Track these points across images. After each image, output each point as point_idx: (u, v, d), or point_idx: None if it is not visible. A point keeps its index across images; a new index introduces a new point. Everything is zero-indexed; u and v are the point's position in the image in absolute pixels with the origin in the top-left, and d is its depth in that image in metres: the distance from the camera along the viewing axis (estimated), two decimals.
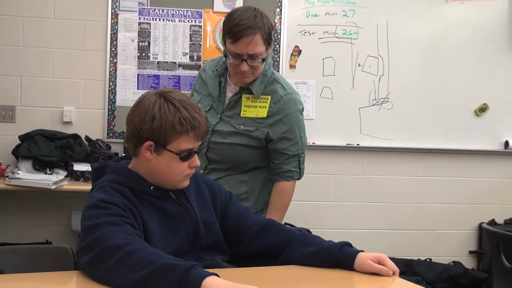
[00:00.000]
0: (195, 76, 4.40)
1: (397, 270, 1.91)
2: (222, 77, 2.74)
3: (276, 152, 2.70)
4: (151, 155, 1.90)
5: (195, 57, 4.47)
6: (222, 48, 4.39)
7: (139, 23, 4.42)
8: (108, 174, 1.95)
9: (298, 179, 2.78)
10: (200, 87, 2.82)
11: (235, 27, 2.49)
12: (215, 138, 2.70)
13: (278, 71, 4.51)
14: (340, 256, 1.93)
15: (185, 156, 1.92)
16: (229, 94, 2.72)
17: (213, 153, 2.72)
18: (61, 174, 4.10)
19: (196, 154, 1.96)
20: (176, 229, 1.95)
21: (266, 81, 2.68)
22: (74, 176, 4.11)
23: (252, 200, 2.73)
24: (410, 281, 1.97)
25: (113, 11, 4.38)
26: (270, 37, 2.57)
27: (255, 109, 2.67)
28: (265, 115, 2.66)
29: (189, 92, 4.43)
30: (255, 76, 2.63)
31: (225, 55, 2.61)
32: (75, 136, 4.29)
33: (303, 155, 2.75)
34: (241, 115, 2.68)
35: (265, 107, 2.66)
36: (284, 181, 2.72)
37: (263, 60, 2.58)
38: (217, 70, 2.78)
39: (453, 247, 4.89)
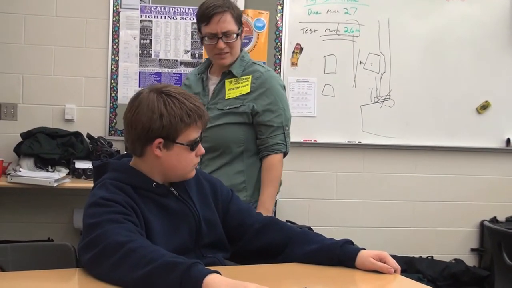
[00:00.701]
0: None
1: (398, 268, 1.91)
2: (203, 74, 2.91)
3: (262, 125, 2.78)
4: (160, 152, 1.91)
5: (196, 55, 4.47)
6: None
7: (141, 21, 4.42)
8: (110, 172, 1.95)
9: (285, 153, 2.82)
10: None
11: (205, 10, 2.72)
12: None
13: (280, 68, 4.52)
14: (341, 254, 1.94)
15: (194, 146, 1.95)
16: (212, 87, 2.86)
17: (204, 142, 2.72)
18: (63, 171, 4.11)
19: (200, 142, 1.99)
20: (178, 226, 1.95)
21: (244, 64, 2.83)
22: (75, 173, 4.11)
23: (250, 190, 2.79)
24: (412, 278, 1.97)
25: (114, 8, 4.38)
26: (240, 19, 2.78)
27: (238, 89, 2.80)
28: (248, 90, 2.77)
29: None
30: (232, 56, 2.79)
31: (201, 39, 2.79)
32: (77, 134, 4.29)
33: (287, 128, 2.83)
34: (226, 97, 2.79)
35: (248, 84, 2.78)
36: (272, 155, 2.77)
37: (237, 35, 2.75)
38: (198, 70, 2.96)
39: (455, 244, 4.90)
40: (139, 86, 4.39)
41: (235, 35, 2.73)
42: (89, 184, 2.05)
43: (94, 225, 1.75)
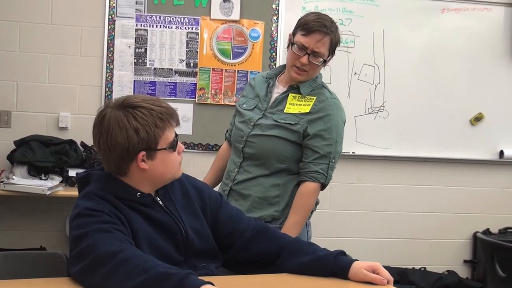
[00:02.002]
0: (191, 83, 4.44)
1: (391, 279, 1.91)
2: (271, 79, 2.85)
3: (308, 149, 2.68)
4: (146, 164, 1.89)
5: (191, 64, 4.47)
6: (221, 58, 4.47)
7: (136, 30, 4.42)
8: (93, 183, 1.94)
9: (323, 184, 2.71)
10: (248, 92, 2.92)
11: (312, 21, 2.64)
12: (255, 131, 2.74)
13: None
14: (334, 266, 1.93)
15: (175, 145, 1.94)
16: (275, 95, 2.80)
17: (250, 147, 2.75)
18: (56, 179, 4.09)
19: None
20: (164, 237, 1.93)
21: (314, 85, 2.77)
22: (69, 182, 4.10)
23: (282, 205, 2.71)
24: None
25: (110, 17, 4.38)
26: (335, 48, 2.72)
27: (299, 106, 2.72)
28: (307, 110, 2.69)
29: (184, 98, 4.45)
30: (308, 76, 2.73)
31: (291, 44, 2.70)
32: (71, 142, 4.28)
33: (334, 160, 2.71)
34: (285, 111, 2.72)
35: (309, 105, 2.71)
36: (308, 182, 2.67)
37: (323, 62, 2.69)
38: (267, 74, 2.90)
39: (448, 256, 4.89)
40: (141, 94, 4.38)
41: (321, 60, 2.67)
42: None
43: (81, 236, 1.74)
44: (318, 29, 2.62)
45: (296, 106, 2.72)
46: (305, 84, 2.74)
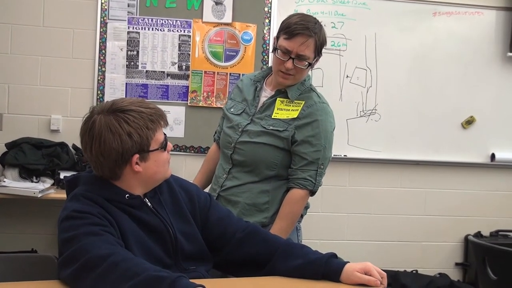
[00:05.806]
0: (183, 86, 4.43)
1: (384, 274, 1.92)
2: (258, 82, 2.80)
3: (297, 156, 2.65)
4: (139, 167, 1.89)
5: (183, 67, 4.47)
6: (213, 60, 4.47)
7: (128, 32, 4.41)
8: (81, 185, 1.93)
9: (312, 191, 2.68)
10: (235, 95, 2.87)
11: (294, 25, 2.57)
12: (243, 138, 2.71)
13: None
14: (326, 269, 1.93)
15: (165, 144, 1.94)
16: (263, 99, 2.76)
17: (239, 154, 2.72)
18: (48, 182, 4.08)
19: None
20: (153, 240, 1.92)
21: (303, 89, 2.72)
22: (60, 184, 4.09)
23: (272, 212, 2.69)
24: None
25: (102, 19, 4.38)
26: (321, 49, 2.65)
27: (287, 112, 2.67)
28: (295, 116, 2.65)
29: (176, 101, 4.44)
30: (295, 80, 2.68)
31: (274, 50, 2.66)
32: (62, 145, 4.27)
33: (322, 167, 2.67)
34: (273, 116, 2.68)
35: (297, 110, 2.66)
36: (296, 189, 2.64)
37: (309, 65, 2.63)
38: (255, 76, 2.85)
39: (439, 259, 4.91)
40: (126, 97, 4.37)
41: (307, 63, 2.61)
42: None
43: (71, 239, 1.72)
44: (301, 32, 2.56)
45: (284, 111, 2.68)
46: (292, 88, 2.70)
